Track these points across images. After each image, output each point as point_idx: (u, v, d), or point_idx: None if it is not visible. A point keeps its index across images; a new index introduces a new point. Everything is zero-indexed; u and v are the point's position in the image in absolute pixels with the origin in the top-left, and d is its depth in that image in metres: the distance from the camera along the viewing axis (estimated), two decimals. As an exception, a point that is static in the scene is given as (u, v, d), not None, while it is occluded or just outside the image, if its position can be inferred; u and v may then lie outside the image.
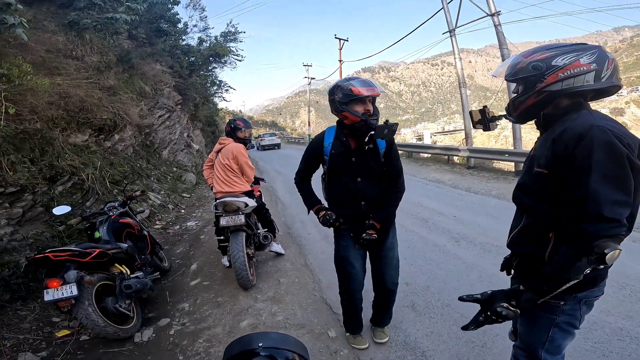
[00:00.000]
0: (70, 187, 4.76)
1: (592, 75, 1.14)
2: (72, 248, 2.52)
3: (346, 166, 2.13)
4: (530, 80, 1.23)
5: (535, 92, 1.23)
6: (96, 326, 2.44)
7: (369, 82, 2.00)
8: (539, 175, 1.23)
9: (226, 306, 3.20)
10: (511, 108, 1.36)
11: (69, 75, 6.31)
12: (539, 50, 1.25)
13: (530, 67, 1.22)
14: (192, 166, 10.90)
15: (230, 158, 3.62)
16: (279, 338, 0.75)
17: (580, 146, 1.08)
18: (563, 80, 1.16)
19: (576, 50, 1.17)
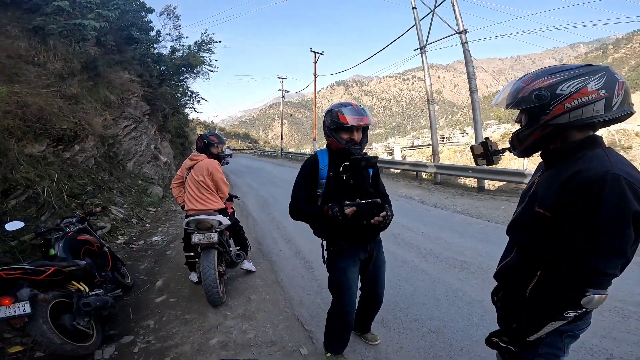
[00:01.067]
0: (24, 200, 4.48)
1: (602, 103, 1.02)
2: (25, 266, 2.41)
3: (346, 189, 2.12)
4: (535, 111, 1.10)
5: (540, 125, 1.11)
6: (52, 344, 2.34)
7: (360, 111, 2.01)
8: (539, 217, 1.15)
9: (194, 323, 3.10)
10: (515, 141, 1.24)
11: (29, 83, 6.03)
12: (541, 75, 1.11)
13: (533, 96, 1.09)
14: (159, 179, 10.55)
15: (205, 175, 3.54)
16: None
17: (589, 195, 1.00)
18: (570, 111, 1.04)
19: (582, 74, 1.04)
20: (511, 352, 1.23)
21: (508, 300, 1.35)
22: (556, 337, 1.21)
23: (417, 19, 12.16)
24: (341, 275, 2.23)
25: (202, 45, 15.05)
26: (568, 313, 1.07)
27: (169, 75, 14.19)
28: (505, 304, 1.36)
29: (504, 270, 1.35)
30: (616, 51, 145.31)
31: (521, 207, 1.30)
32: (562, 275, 1.08)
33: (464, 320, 2.93)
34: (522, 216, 1.27)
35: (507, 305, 1.35)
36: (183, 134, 16.25)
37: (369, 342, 2.64)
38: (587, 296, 1.03)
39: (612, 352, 2.41)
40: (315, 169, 2.17)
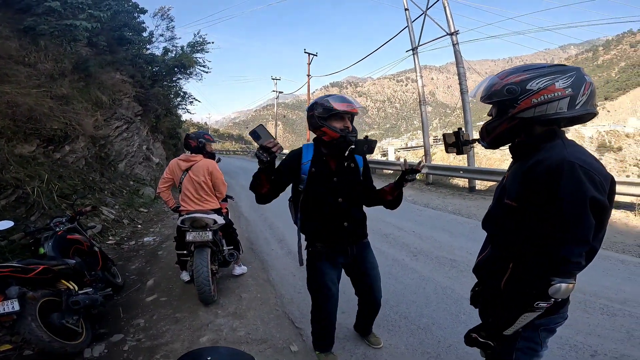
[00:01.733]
0: (13, 201, 4.45)
1: (567, 101, 1.07)
2: (14, 264, 2.41)
3: (327, 187, 2.06)
4: (504, 104, 1.16)
5: (508, 118, 1.16)
6: (40, 341, 2.34)
7: (348, 99, 1.99)
8: (507, 208, 1.19)
9: (185, 322, 3.10)
10: (484, 133, 1.28)
11: (19, 83, 5.98)
12: (517, 71, 1.17)
13: (504, 90, 1.14)
14: (151, 180, 10.48)
15: (206, 174, 3.53)
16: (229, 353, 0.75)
17: (548, 182, 1.05)
18: (536, 106, 1.09)
19: (553, 72, 1.09)
20: (490, 347, 1.24)
21: (485, 294, 1.39)
22: (533, 331, 1.23)
23: (410, 20, 12.27)
24: (319, 278, 2.21)
25: (196, 46, 14.97)
26: (538, 304, 1.09)
27: (161, 76, 14.08)
28: (484, 298, 1.40)
29: (481, 264, 1.40)
30: (606, 53, 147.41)
31: (493, 200, 1.35)
32: (529, 266, 1.10)
33: (452, 317, 2.98)
34: (493, 209, 1.32)
35: (485, 299, 1.39)
36: (176, 135, 16.16)
37: (371, 345, 2.61)
38: (553, 285, 1.05)
39: (596, 349, 2.46)
40: (297, 163, 2.08)
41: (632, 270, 3.84)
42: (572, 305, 3.00)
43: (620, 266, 3.96)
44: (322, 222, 2.11)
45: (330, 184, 2.07)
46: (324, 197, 2.07)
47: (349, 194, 2.10)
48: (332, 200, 2.07)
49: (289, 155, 2.16)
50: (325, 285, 2.20)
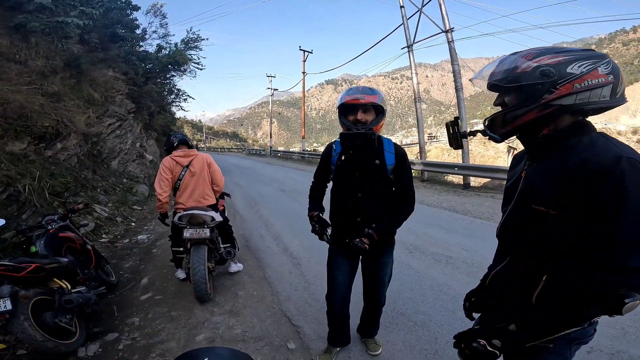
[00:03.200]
0: (5, 198, 4.37)
1: (609, 89, 0.94)
2: (5, 263, 2.37)
3: (349, 180, 2.07)
4: (536, 89, 0.97)
5: (540, 105, 0.98)
6: (33, 341, 2.30)
7: (356, 90, 1.93)
8: (539, 215, 1.01)
9: (180, 320, 3.08)
10: (497, 123, 1.08)
11: (10, 80, 5.88)
12: (546, 52, 0.99)
13: (538, 72, 0.96)
14: (145, 177, 10.39)
15: (205, 167, 3.56)
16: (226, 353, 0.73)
17: (608, 185, 0.87)
18: (578, 92, 0.94)
19: (592, 57, 0.96)
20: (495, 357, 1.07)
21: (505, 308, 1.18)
22: (565, 346, 1.08)
23: (405, 17, 12.28)
24: (330, 261, 2.29)
25: (189, 43, 14.86)
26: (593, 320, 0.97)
27: (155, 73, 13.96)
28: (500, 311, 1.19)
29: (499, 277, 1.23)
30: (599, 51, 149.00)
31: (511, 206, 1.15)
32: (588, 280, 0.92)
33: (448, 314, 2.98)
34: (515, 216, 1.13)
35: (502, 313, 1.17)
36: (169, 132, 16.02)
37: (368, 350, 2.51)
38: (628, 304, 0.88)
39: (592, 345, 2.45)
40: (329, 155, 2.19)
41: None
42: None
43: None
44: (340, 213, 2.15)
45: (351, 177, 2.07)
46: (344, 189, 2.11)
47: (370, 190, 2.04)
48: (352, 193, 2.07)
49: (325, 150, 2.27)
50: (332, 273, 2.27)
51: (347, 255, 2.19)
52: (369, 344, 2.54)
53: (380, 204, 2.07)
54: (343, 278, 2.26)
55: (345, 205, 2.10)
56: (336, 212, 2.18)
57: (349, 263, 2.24)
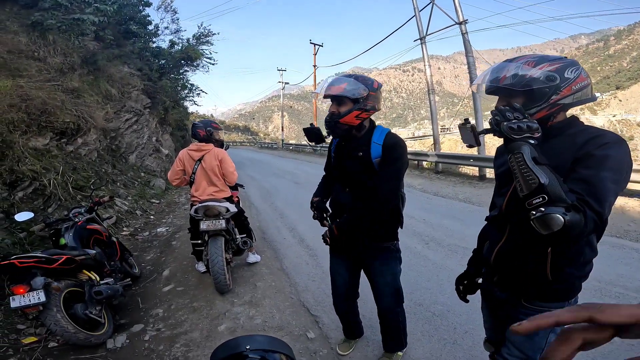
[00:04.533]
0: (31, 192, 4.53)
1: (590, 88, 1.19)
2: (39, 254, 2.45)
3: (337, 173, 2.03)
4: (544, 91, 1.16)
5: (548, 105, 1.17)
6: (66, 332, 2.38)
7: (328, 80, 1.84)
8: None
9: (202, 311, 3.16)
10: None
11: (31, 77, 6.05)
12: (541, 60, 1.18)
13: (544, 77, 1.14)
14: (161, 171, 10.58)
15: (217, 162, 3.53)
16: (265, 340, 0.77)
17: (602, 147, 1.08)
18: (575, 93, 1.16)
19: (573, 63, 1.18)
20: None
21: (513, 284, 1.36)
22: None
23: (417, 9, 12.08)
24: (330, 264, 2.25)
25: (201, 38, 14.94)
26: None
27: (168, 68, 14.12)
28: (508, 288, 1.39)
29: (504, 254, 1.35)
30: (618, 42, 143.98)
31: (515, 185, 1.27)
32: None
33: (467, 304, 2.97)
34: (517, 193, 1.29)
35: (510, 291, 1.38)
36: (184, 126, 16.22)
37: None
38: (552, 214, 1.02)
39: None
40: (331, 144, 2.15)
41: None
42: (588, 293, 3.00)
43: (635, 254, 3.92)
44: (332, 208, 2.10)
45: (339, 170, 2.00)
46: (335, 182, 2.07)
47: (356, 185, 1.91)
48: (340, 187, 2.01)
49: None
50: (332, 279, 2.25)
51: (341, 255, 2.13)
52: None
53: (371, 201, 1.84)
54: (342, 278, 2.19)
55: (336, 201, 2.05)
56: (331, 208, 2.12)
57: (345, 263, 2.15)
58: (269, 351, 0.74)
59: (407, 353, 2.42)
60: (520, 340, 1.35)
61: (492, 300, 1.51)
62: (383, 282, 2.09)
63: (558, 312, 0.35)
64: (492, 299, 1.50)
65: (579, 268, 1.24)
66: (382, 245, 2.02)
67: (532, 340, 1.31)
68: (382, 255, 2.04)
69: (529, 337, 1.32)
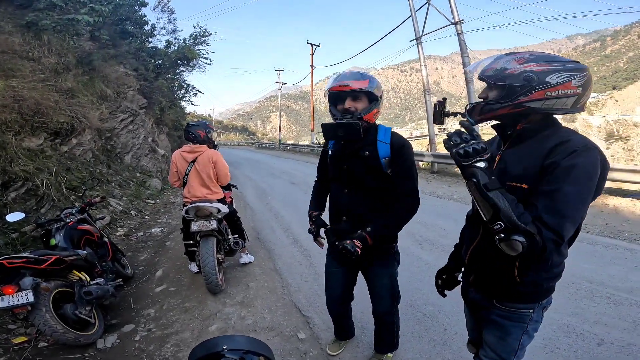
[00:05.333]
0: (23, 193, 4.51)
1: (573, 100, 1.10)
2: (27, 255, 2.45)
3: (337, 174, 1.91)
4: (514, 90, 1.11)
5: (512, 104, 1.13)
6: (55, 332, 2.39)
7: (344, 76, 1.71)
8: (514, 190, 1.12)
9: (194, 311, 3.16)
10: (476, 111, 1.22)
11: (24, 78, 6.02)
12: (537, 59, 1.12)
13: (522, 76, 1.09)
14: (157, 171, 10.56)
15: (211, 164, 3.52)
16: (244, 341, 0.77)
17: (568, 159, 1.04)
18: (546, 99, 1.09)
19: (573, 69, 1.08)
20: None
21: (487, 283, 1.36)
22: (539, 311, 1.30)
23: (413, 9, 12.10)
24: (326, 267, 2.21)
25: (197, 38, 14.92)
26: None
27: (164, 68, 14.08)
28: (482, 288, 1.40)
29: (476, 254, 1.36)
30: (614, 43, 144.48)
31: None
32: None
33: (458, 305, 2.92)
34: None
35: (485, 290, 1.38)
36: (180, 127, 16.18)
37: None
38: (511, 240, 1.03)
39: (603, 338, 2.46)
40: (326, 148, 2.04)
41: (639, 259, 3.82)
42: (579, 294, 3.03)
43: (627, 255, 3.94)
44: (331, 211, 2.02)
45: (339, 171, 1.89)
46: (333, 184, 1.97)
47: (358, 186, 1.83)
48: (339, 189, 1.91)
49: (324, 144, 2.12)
50: (327, 282, 2.22)
51: (339, 259, 2.05)
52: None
53: (370, 202, 1.84)
54: (338, 282, 2.15)
55: (334, 203, 1.96)
56: (330, 210, 2.03)
57: (343, 267, 2.08)
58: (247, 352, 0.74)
59: (397, 354, 2.42)
60: (494, 341, 1.38)
61: (469, 300, 1.53)
62: (381, 284, 2.05)
63: None
64: (469, 300, 1.52)
65: (546, 271, 1.23)
66: (383, 248, 1.95)
67: (505, 342, 1.35)
68: (382, 257, 1.99)
69: (501, 339, 1.35)
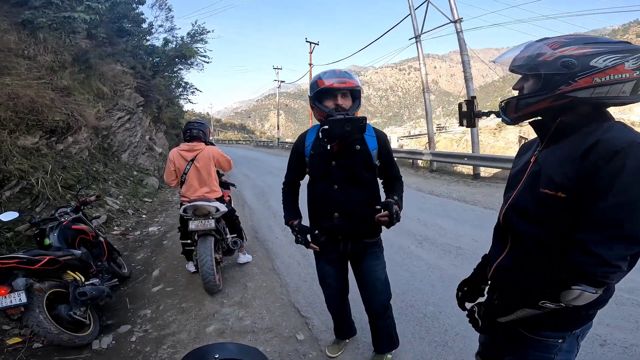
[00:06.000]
0: (18, 192, 4.46)
1: (631, 85, 0.91)
2: (20, 255, 2.41)
3: (325, 171, 1.88)
4: (554, 79, 0.94)
5: (554, 96, 0.96)
6: (49, 334, 2.35)
7: (341, 74, 1.76)
8: (549, 199, 0.98)
9: (191, 312, 3.12)
10: (511, 108, 1.06)
11: (20, 75, 5.96)
12: (574, 42, 0.95)
13: (559, 63, 0.93)
14: (155, 170, 10.50)
15: (211, 162, 3.50)
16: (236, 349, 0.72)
17: (612, 163, 0.86)
18: (597, 86, 0.91)
19: (623, 50, 0.91)
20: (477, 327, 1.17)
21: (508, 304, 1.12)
22: (572, 341, 1.09)
23: (412, 7, 12.08)
24: (318, 267, 2.17)
25: (195, 36, 14.86)
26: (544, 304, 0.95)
27: (162, 66, 14.05)
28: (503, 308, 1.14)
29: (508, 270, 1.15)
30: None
31: (518, 189, 1.11)
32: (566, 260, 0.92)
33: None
34: (521, 200, 1.09)
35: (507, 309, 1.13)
36: (178, 125, 16.12)
37: None
38: (573, 289, 0.89)
39: (605, 338, 2.42)
40: (302, 146, 1.98)
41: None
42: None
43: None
44: (317, 209, 1.97)
45: (327, 168, 1.87)
46: (320, 181, 1.92)
47: (350, 180, 1.84)
48: (327, 186, 1.88)
49: (296, 141, 2.07)
50: (322, 278, 2.18)
51: (329, 256, 2.05)
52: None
53: (362, 196, 1.88)
54: (332, 279, 2.13)
55: (323, 200, 1.92)
56: (314, 210, 1.99)
57: (334, 265, 2.08)
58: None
59: (397, 355, 2.38)
60: None
61: None
62: (377, 277, 2.04)
63: None
64: None
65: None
66: (371, 241, 1.99)
67: None
68: (372, 250, 2.01)
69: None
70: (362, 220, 1.87)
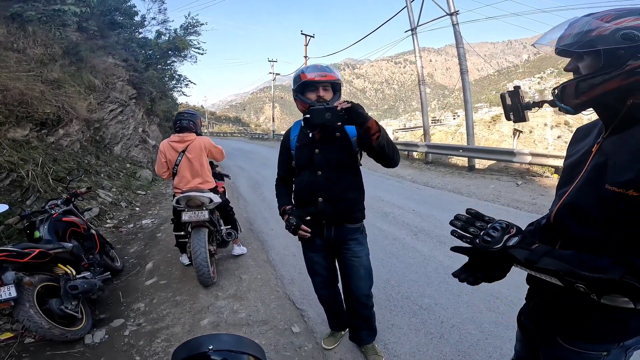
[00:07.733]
0: (8, 184, 4.38)
1: None
2: (9, 248, 2.35)
3: (308, 159, 1.94)
4: (618, 55, 0.80)
5: (623, 73, 0.80)
6: (40, 328, 2.31)
7: (323, 68, 1.84)
8: (614, 197, 0.82)
9: (185, 305, 3.09)
10: (569, 93, 0.91)
11: (9, 68, 5.85)
12: (627, 13, 0.81)
13: (619, 35, 0.79)
14: (148, 162, 10.41)
15: (203, 153, 3.45)
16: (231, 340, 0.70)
17: None
18: None
19: None
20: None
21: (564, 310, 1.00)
22: (620, 354, 0.96)
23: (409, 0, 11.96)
24: (305, 257, 2.19)
25: (189, 28, 14.66)
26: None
27: (155, 59, 13.88)
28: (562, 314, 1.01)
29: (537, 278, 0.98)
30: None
31: (576, 185, 0.95)
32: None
33: (454, 297, 2.95)
34: (580, 199, 0.93)
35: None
36: (172, 117, 15.99)
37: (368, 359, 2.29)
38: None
39: None
40: (287, 140, 2.06)
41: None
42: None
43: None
44: (302, 196, 2.02)
45: (310, 156, 1.94)
46: (304, 169, 1.98)
47: (332, 167, 1.91)
48: (311, 173, 1.94)
49: (284, 135, 2.14)
50: (309, 266, 2.20)
51: (315, 244, 2.08)
52: (368, 354, 2.30)
53: (344, 180, 1.93)
54: (320, 266, 2.16)
55: (306, 187, 1.97)
56: (298, 198, 2.05)
57: (321, 252, 2.12)
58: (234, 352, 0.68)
59: (392, 348, 2.38)
60: None
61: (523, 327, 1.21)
62: (360, 264, 2.06)
63: None
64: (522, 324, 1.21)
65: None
66: (354, 227, 2.02)
67: None
68: (354, 236, 2.03)
69: None
70: (344, 203, 1.94)
